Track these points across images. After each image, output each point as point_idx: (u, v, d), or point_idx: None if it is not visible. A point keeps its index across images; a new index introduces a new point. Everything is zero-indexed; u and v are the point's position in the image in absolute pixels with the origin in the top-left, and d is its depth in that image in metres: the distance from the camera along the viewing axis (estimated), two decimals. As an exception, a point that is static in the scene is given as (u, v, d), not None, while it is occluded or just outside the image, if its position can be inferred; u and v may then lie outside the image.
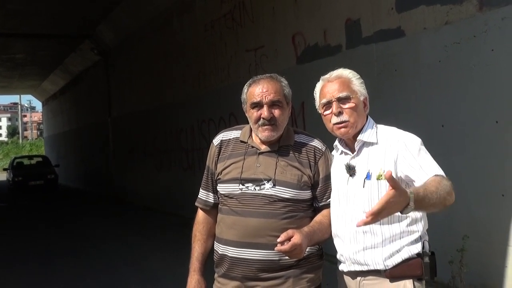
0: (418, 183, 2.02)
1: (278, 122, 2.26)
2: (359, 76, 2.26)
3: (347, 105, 2.18)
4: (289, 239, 2.03)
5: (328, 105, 2.21)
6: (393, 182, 1.77)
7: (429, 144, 2.23)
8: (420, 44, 5.17)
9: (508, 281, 4.42)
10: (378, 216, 1.77)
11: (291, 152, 2.31)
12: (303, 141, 2.35)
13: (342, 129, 2.19)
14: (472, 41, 4.63)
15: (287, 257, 2.12)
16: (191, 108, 10.68)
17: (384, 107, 5.30)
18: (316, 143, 2.36)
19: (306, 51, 6.87)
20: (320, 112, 2.28)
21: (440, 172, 2.05)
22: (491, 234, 4.57)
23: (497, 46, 4.43)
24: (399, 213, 2.04)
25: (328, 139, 2.39)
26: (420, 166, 2.06)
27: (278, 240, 2.03)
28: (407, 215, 2.06)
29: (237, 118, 8.29)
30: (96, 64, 18.23)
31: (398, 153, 2.11)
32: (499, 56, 4.43)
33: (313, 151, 2.33)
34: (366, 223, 1.80)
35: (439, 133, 4.95)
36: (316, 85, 2.30)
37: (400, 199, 1.78)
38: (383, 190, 2.02)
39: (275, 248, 2.05)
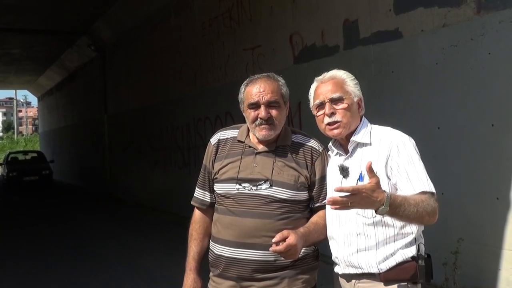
0: (402, 194, 2.02)
1: (275, 122, 2.26)
2: (353, 77, 2.25)
3: (340, 106, 2.17)
4: (284, 239, 2.02)
5: (321, 106, 2.21)
6: (372, 174, 1.82)
7: (425, 146, 2.23)
8: (418, 46, 5.18)
9: (502, 284, 4.43)
10: (345, 203, 1.78)
11: (288, 152, 2.30)
12: (300, 141, 2.35)
13: (335, 130, 2.18)
14: (469, 44, 4.64)
15: (282, 258, 2.11)
16: (187, 107, 10.67)
17: (381, 109, 5.31)
18: (314, 143, 2.35)
19: (304, 51, 6.87)
20: (314, 113, 2.27)
21: (428, 188, 2.03)
22: (485, 237, 4.58)
23: (494, 49, 4.45)
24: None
25: (325, 140, 2.38)
26: (409, 179, 2.04)
27: (273, 240, 2.03)
28: None
29: (233, 117, 8.29)
30: (93, 61, 18.18)
31: (390, 157, 2.09)
32: (496, 59, 4.44)
33: (310, 152, 2.32)
34: (334, 203, 1.79)
35: (435, 135, 4.96)
36: (311, 86, 2.30)
37: (373, 194, 1.81)
38: None
39: (270, 249, 2.05)
